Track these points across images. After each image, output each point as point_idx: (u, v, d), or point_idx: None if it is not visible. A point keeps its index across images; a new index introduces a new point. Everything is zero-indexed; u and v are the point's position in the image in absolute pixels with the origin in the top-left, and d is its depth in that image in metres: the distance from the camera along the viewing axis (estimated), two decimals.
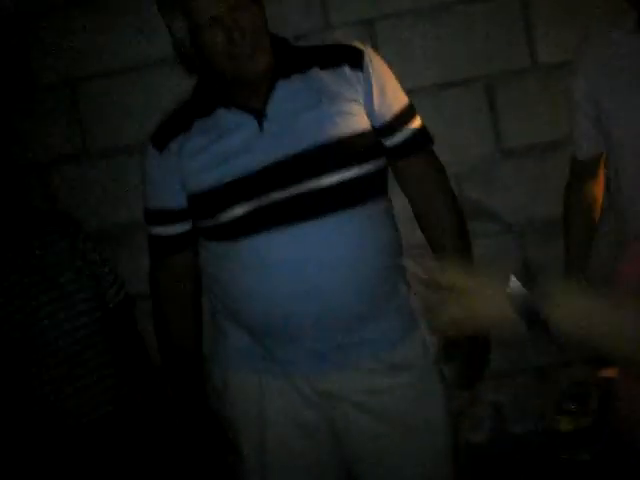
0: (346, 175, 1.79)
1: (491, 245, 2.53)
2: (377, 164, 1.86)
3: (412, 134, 1.89)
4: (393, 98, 1.87)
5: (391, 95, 1.87)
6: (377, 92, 1.83)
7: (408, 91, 1.95)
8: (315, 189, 1.77)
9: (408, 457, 1.90)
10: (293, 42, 1.93)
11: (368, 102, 1.83)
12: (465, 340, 1.95)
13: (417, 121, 1.91)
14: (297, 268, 1.76)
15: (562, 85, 2.23)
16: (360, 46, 1.87)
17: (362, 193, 1.82)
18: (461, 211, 1.97)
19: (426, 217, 1.95)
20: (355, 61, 1.83)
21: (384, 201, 1.90)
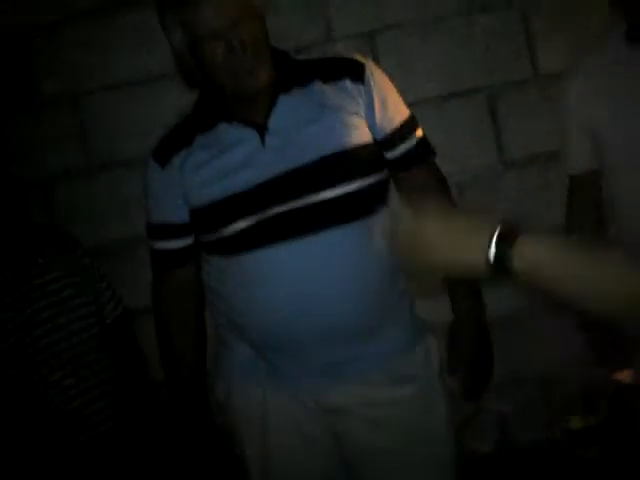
0: (349, 188, 1.79)
1: None
2: (379, 177, 1.86)
3: (413, 146, 1.89)
4: (394, 111, 1.87)
5: (392, 108, 1.87)
6: (378, 105, 1.84)
7: (410, 103, 1.96)
8: (317, 202, 1.77)
9: (411, 469, 1.90)
10: (294, 55, 1.93)
11: (369, 115, 1.83)
12: (469, 351, 1.95)
13: (418, 133, 1.92)
14: (299, 282, 1.76)
15: None
16: (361, 59, 1.87)
17: (365, 206, 1.82)
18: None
19: None
20: (356, 74, 1.83)
21: (386, 214, 1.89)
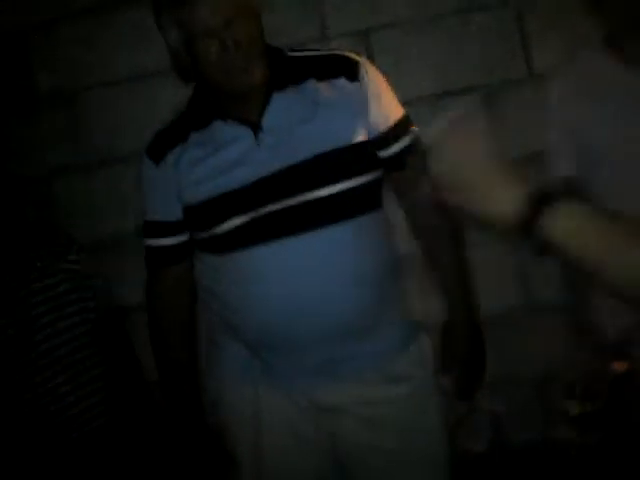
0: (343, 187, 1.78)
1: (489, 254, 2.52)
2: (374, 175, 1.85)
3: (407, 145, 1.88)
4: (389, 110, 1.87)
5: (387, 107, 1.87)
6: (373, 103, 1.83)
7: (404, 101, 1.95)
8: (312, 200, 1.77)
9: (405, 468, 1.90)
10: (288, 50, 1.92)
11: (364, 113, 1.82)
12: (462, 350, 1.95)
13: (413, 132, 1.91)
14: (294, 280, 1.76)
15: None
16: (356, 57, 1.87)
17: (359, 205, 1.82)
18: (457, 221, 1.96)
19: (421, 228, 1.95)
20: (351, 72, 1.82)
21: (381, 213, 1.89)
